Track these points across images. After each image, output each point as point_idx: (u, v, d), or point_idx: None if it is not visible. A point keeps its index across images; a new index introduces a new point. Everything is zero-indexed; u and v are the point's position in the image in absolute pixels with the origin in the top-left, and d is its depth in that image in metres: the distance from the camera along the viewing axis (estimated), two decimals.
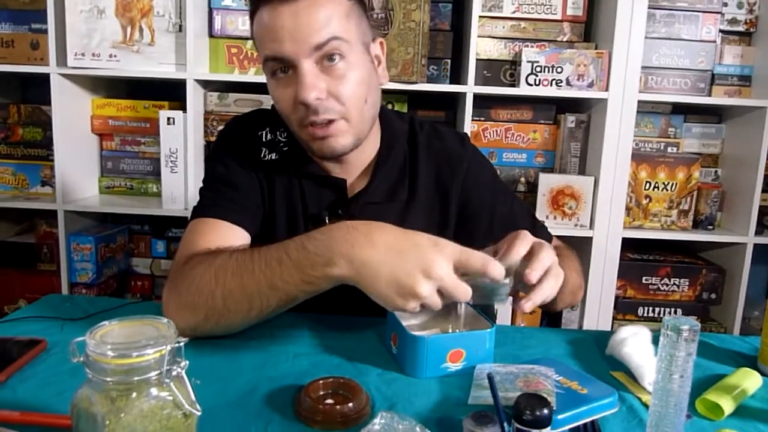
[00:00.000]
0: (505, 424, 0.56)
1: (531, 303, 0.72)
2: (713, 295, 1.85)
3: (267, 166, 0.99)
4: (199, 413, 0.51)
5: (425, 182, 1.01)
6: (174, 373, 0.49)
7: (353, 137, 0.90)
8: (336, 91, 0.85)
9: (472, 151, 1.07)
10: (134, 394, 0.48)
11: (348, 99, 0.86)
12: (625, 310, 1.85)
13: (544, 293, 0.73)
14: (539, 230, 1.08)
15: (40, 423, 0.60)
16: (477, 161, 1.06)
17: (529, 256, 0.74)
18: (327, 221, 0.98)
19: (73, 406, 0.49)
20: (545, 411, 0.58)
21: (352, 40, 0.87)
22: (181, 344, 0.50)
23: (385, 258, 0.68)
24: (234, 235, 0.92)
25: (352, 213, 0.96)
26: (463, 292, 0.68)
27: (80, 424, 0.49)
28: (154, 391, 0.49)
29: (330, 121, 0.86)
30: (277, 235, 0.99)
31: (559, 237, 1.13)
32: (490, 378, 0.50)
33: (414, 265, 0.67)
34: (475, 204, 1.03)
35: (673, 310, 1.87)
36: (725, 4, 1.76)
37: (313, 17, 0.82)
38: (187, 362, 0.50)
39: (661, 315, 1.86)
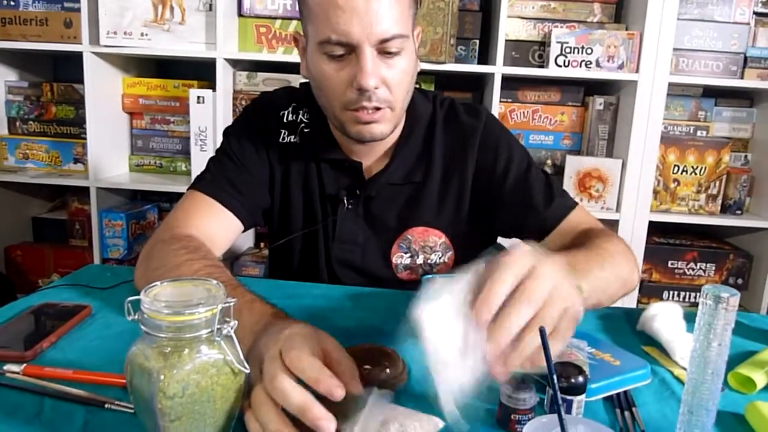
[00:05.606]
0: (547, 386, 0.57)
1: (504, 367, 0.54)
2: (740, 281, 1.84)
3: (284, 149, 1.01)
4: (247, 371, 0.52)
5: (440, 160, 1.01)
6: (224, 332, 0.51)
7: (392, 125, 0.92)
8: (389, 80, 0.86)
9: (487, 120, 1.03)
10: (186, 351, 0.50)
11: (397, 90, 0.88)
12: (650, 293, 1.84)
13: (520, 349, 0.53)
14: (556, 202, 0.98)
15: (92, 381, 0.63)
16: (491, 130, 1.02)
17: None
18: (345, 202, 0.99)
19: (128, 363, 0.51)
20: (580, 378, 0.59)
21: (409, 33, 0.88)
22: (231, 305, 0.52)
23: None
24: (226, 222, 0.95)
25: (369, 193, 0.99)
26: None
27: (134, 379, 0.51)
28: (204, 348, 0.51)
29: (377, 108, 0.87)
30: (292, 217, 1.02)
31: None
32: (542, 332, 0.50)
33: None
34: (488, 172, 1.00)
35: (698, 294, 1.85)
36: None
37: (383, 6, 0.81)
38: (236, 322, 0.52)
39: (687, 300, 1.85)
